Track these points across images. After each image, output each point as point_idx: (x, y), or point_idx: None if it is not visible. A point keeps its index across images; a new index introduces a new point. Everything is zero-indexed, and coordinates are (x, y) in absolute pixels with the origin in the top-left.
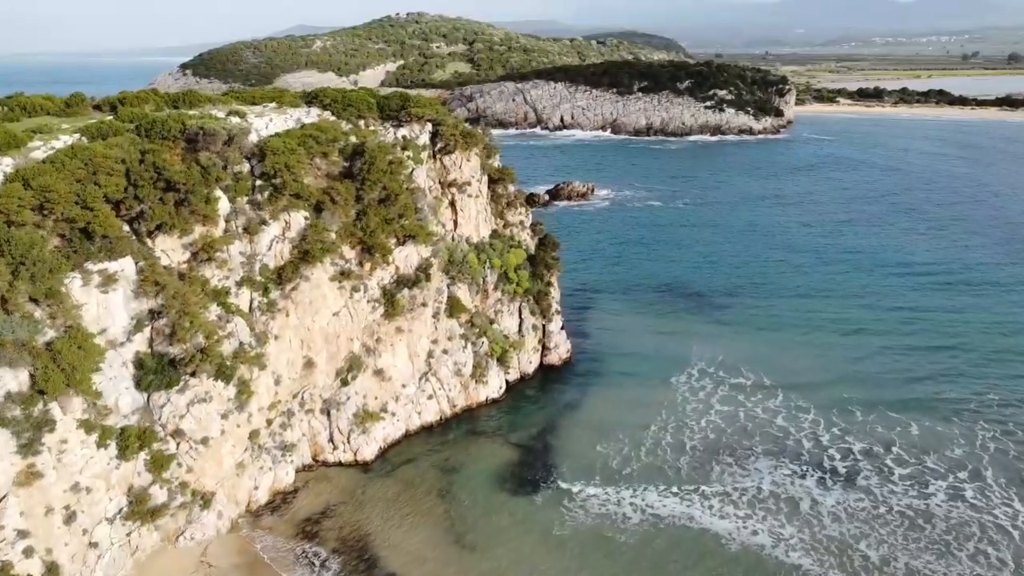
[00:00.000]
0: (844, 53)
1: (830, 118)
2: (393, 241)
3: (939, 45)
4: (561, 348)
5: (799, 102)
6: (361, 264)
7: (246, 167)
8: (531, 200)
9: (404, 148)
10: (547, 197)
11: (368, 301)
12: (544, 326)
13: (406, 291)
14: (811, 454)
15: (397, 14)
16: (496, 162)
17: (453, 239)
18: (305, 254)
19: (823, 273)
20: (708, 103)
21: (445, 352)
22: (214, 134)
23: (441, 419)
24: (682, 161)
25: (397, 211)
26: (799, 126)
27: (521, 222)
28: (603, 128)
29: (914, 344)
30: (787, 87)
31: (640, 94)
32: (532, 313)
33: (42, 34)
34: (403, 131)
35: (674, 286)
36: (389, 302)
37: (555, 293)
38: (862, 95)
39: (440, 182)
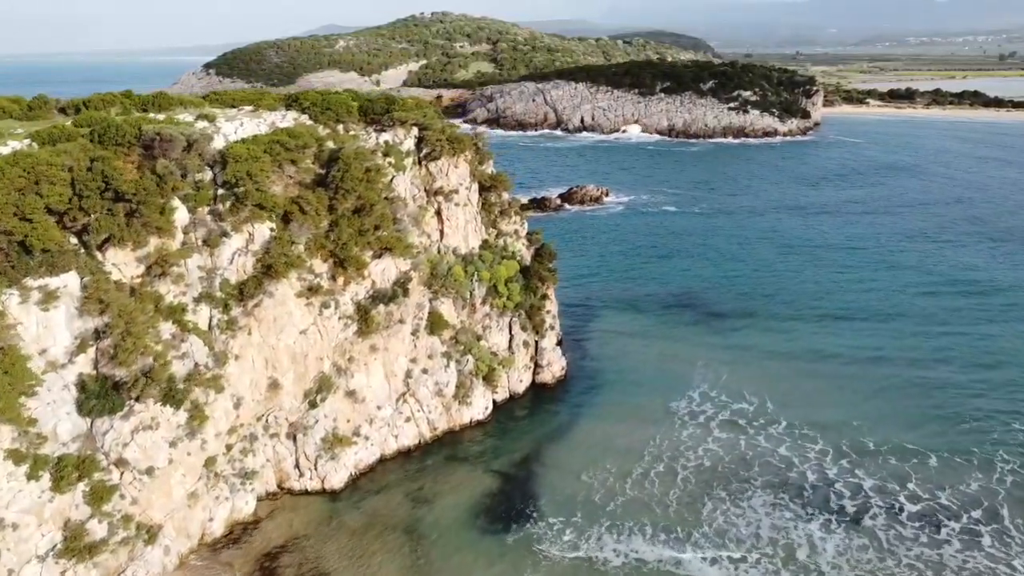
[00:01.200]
0: (877, 53)
1: (859, 120)
2: (369, 254)
3: (975, 45)
4: (555, 366)
5: (827, 103)
6: (334, 278)
7: (208, 175)
8: (542, 204)
9: (386, 154)
10: (559, 201)
11: (340, 318)
12: (537, 342)
13: (382, 307)
14: (815, 489)
15: (421, 13)
16: (490, 168)
17: (439, 250)
18: (268, 268)
19: (846, 289)
20: (732, 104)
21: (425, 372)
22: (171, 140)
23: (420, 443)
24: (702, 164)
25: (373, 222)
26: (826, 128)
27: (515, 231)
28: (623, 130)
29: (940, 371)
30: (814, 88)
31: (662, 95)
32: (523, 329)
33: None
34: (386, 136)
35: (683, 300)
36: (363, 319)
37: (551, 306)
38: (893, 96)
39: (426, 190)
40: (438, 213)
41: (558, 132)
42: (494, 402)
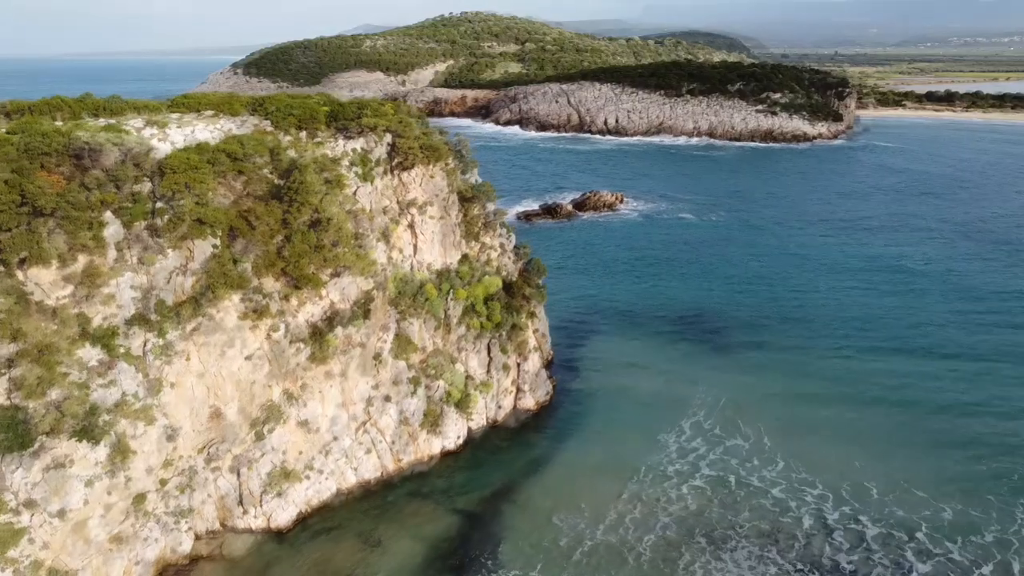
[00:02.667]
0: (918, 54)
1: (894, 123)
2: (328, 272)
3: (1021, 45)
4: (539, 391)
5: (862, 105)
6: (287, 299)
7: (147, 187)
8: (554, 211)
9: (353, 163)
10: (571, 208)
11: (292, 341)
12: (519, 365)
13: (340, 329)
14: (810, 538)
15: (451, 13)
16: (474, 177)
17: (412, 266)
18: (208, 289)
19: (870, 310)
20: (760, 107)
21: (388, 399)
22: (99, 150)
23: (383, 476)
24: (726, 170)
25: (330, 237)
26: (859, 131)
27: (500, 245)
28: (648, 132)
29: (967, 416)
30: (847, 90)
31: (689, 96)
32: (504, 351)
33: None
34: (354, 144)
35: (690, 318)
36: (318, 342)
37: (539, 325)
38: (930, 99)
39: (398, 202)
40: (411, 226)
41: (582, 134)
42: (469, 430)
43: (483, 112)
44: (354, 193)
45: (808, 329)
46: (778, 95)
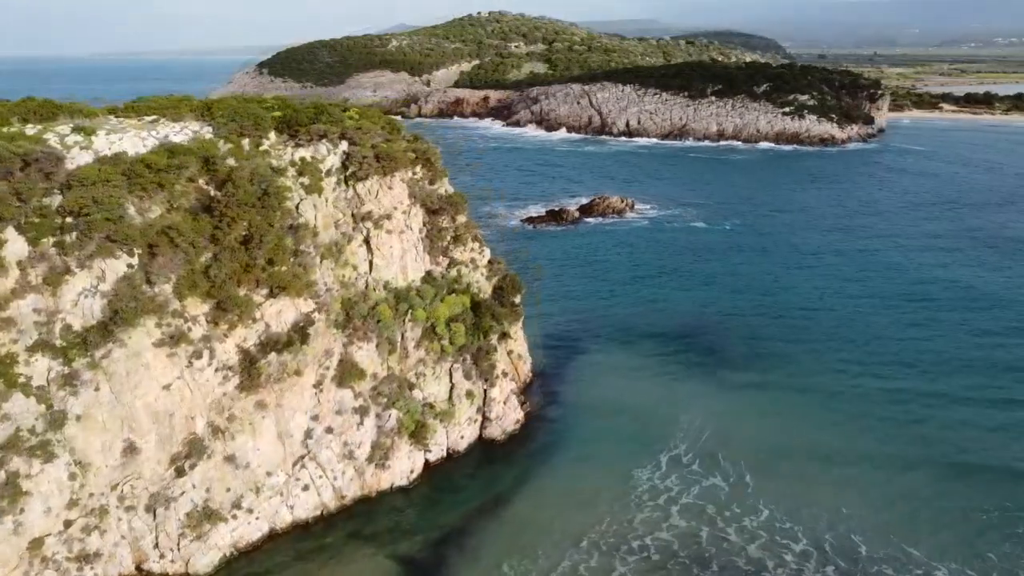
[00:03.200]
0: (960, 55)
1: (929, 126)
2: (264, 292)
3: None
4: (507, 419)
5: (897, 108)
6: (215, 323)
7: (58, 200)
8: (559, 217)
9: (301, 174)
10: (577, 213)
11: (217, 370)
12: (485, 392)
13: (273, 356)
14: None
15: (479, 13)
16: (443, 188)
17: (367, 284)
18: (116, 313)
19: (884, 335)
20: (787, 109)
21: (330, 431)
22: None
23: (323, 514)
24: (744, 174)
25: (265, 255)
26: (891, 135)
27: (472, 260)
28: (670, 135)
29: (985, 470)
30: (879, 92)
31: (713, 98)
32: (468, 376)
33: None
34: (303, 152)
35: (688, 335)
36: (247, 370)
37: (516, 346)
38: (969, 101)
39: (353, 214)
40: (366, 242)
41: (601, 136)
42: (426, 463)
43: (504, 113)
44: (296, 206)
45: (813, 353)
46: (806, 97)
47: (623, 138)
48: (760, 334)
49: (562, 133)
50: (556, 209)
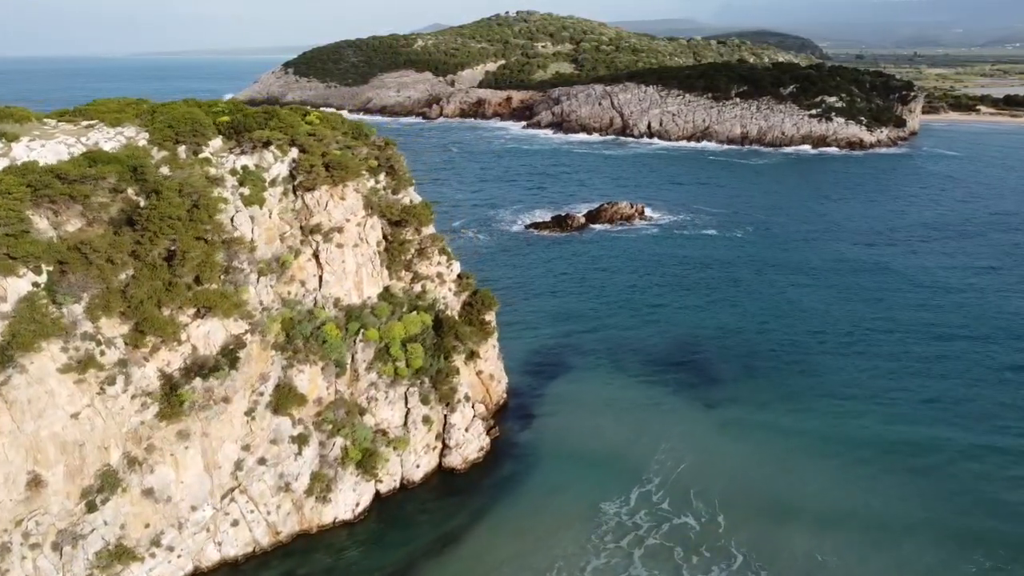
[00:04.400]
0: (1004, 55)
1: (965, 129)
2: (191, 312)
3: None
4: (469, 446)
5: (932, 110)
6: (135, 346)
7: None
8: (564, 223)
9: (242, 183)
10: (584, 220)
11: (134, 396)
12: (446, 417)
13: (198, 381)
14: None
15: (507, 13)
16: (408, 197)
17: (315, 302)
18: (15, 336)
19: (904, 370)
20: (814, 111)
21: (263, 462)
22: None
23: (256, 551)
24: (765, 179)
25: (189, 272)
26: (924, 138)
27: (439, 275)
28: (692, 137)
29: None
30: (912, 93)
31: (738, 99)
32: (425, 401)
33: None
34: (247, 160)
35: (681, 355)
36: (168, 397)
37: (487, 366)
38: (1009, 103)
39: (301, 227)
40: (315, 256)
41: (622, 138)
42: (377, 495)
43: (527, 114)
44: (232, 219)
45: (815, 384)
46: (834, 99)
47: (644, 140)
48: (759, 358)
49: (581, 135)
50: (562, 215)
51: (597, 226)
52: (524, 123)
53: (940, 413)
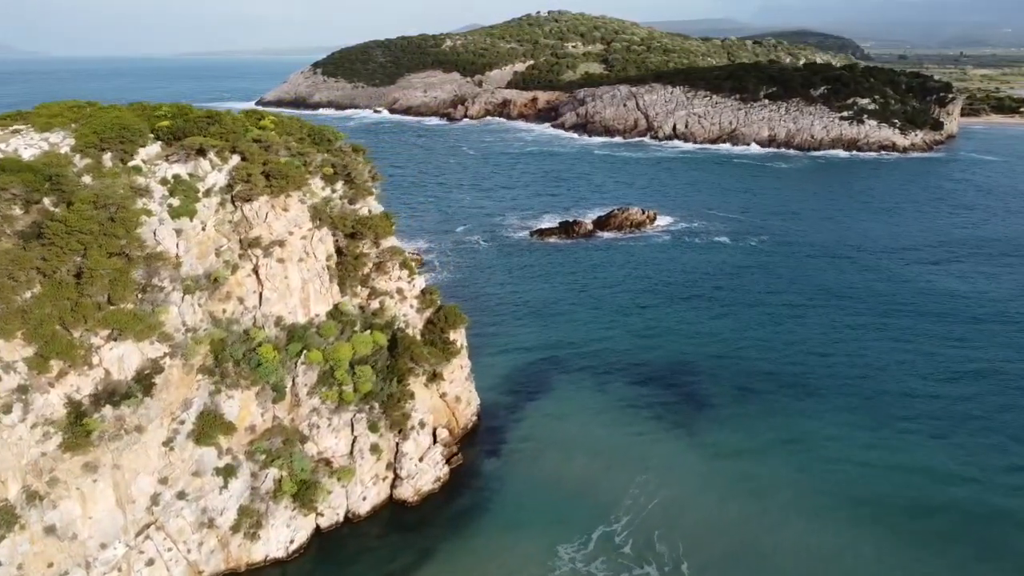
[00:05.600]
0: None
1: (1006, 132)
2: (104, 334)
3: None
4: (423, 477)
5: (973, 112)
6: (40, 371)
7: None
8: (570, 230)
9: (172, 194)
10: (591, 227)
11: (35, 425)
12: (398, 445)
13: (108, 410)
14: None
15: (538, 12)
16: (368, 207)
17: (255, 321)
18: None
19: (926, 391)
20: (845, 113)
21: (183, 496)
22: None
23: None
24: (788, 184)
25: (100, 290)
26: (962, 141)
27: (399, 290)
28: (718, 140)
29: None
30: (950, 95)
31: (766, 101)
32: (374, 428)
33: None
34: (181, 168)
35: (673, 376)
36: (73, 427)
37: (452, 388)
38: None
39: (240, 240)
40: (255, 271)
41: (647, 140)
42: (317, 529)
43: (552, 115)
44: (155, 232)
45: (815, 413)
46: (866, 101)
47: (667, 143)
48: (757, 382)
49: (604, 137)
50: (569, 221)
51: (606, 233)
52: (549, 124)
53: (952, 451)
